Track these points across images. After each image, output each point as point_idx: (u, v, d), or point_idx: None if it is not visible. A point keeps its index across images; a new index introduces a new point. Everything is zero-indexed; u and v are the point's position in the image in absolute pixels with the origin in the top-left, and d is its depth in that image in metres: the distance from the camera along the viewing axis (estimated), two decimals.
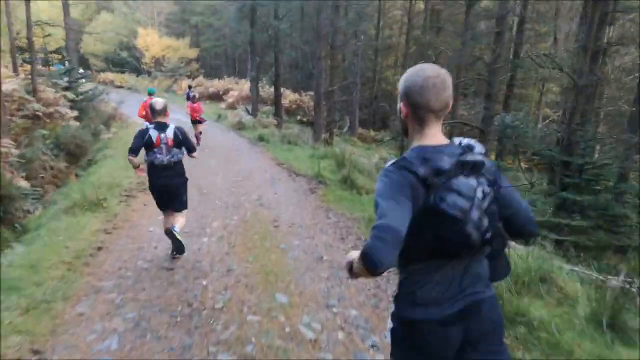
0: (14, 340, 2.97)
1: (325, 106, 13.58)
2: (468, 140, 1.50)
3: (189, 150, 4.49)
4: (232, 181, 8.26)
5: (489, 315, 1.49)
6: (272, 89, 23.05)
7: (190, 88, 16.94)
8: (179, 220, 4.55)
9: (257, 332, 3.18)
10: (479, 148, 1.47)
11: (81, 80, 16.15)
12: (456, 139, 1.51)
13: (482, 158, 1.43)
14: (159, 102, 4.35)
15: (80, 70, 37.54)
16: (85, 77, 32.71)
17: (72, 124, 11.44)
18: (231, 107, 23.87)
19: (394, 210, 1.28)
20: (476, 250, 1.44)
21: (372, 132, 23.37)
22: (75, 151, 10.18)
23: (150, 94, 10.34)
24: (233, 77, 32.00)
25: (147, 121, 6.27)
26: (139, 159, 4.26)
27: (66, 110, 11.50)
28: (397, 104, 1.55)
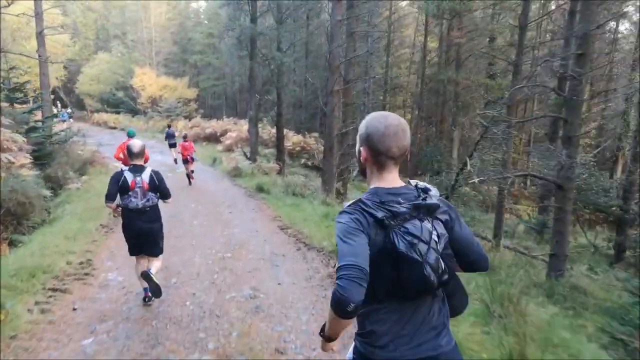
0: None
1: (338, 151, 11.32)
2: (424, 184, 1.56)
3: (163, 196, 4.32)
4: (217, 260, 5.82)
5: None
6: (274, 130, 21.09)
7: (169, 127, 16.35)
8: (155, 264, 4.35)
9: None
10: (434, 191, 1.52)
11: (54, 119, 14.14)
12: (412, 181, 1.56)
13: (436, 201, 1.47)
14: (137, 144, 4.20)
15: (56, 108, 36.15)
16: (69, 115, 31.24)
17: (24, 174, 9.17)
18: (229, 149, 21.72)
19: (355, 249, 1.36)
20: (433, 293, 1.48)
21: None
22: (17, 210, 7.81)
23: (129, 135, 9.07)
24: (232, 118, 30.17)
25: (124, 164, 5.78)
26: (114, 206, 4.19)
27: (16, 156, 9.22)
28: (357, 146, 1.59)
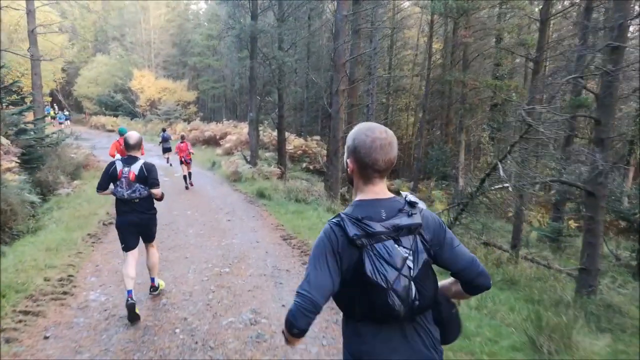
0: None
1: (342, 154, 10.71)
2: (414, 197, 1.49)
3: (150, 185, 4.10)
4: (213, 277, 5.20)
5: None
6: (274, 133, 20.51)
7: (164, 131, 16.40)
8: (154, 261, 4.46)
9: None
10: (421, 205, 1.47)
11: (50, 122, 13.56)
12: (403, 193, 1.51)
13: (419, 220, 1.42)
14: (134, 136, 4.15)
15: (53, 110, 35.56)
16: (66, 117, 30.65)
17: (9, 178, 8.57)
18: (228, 152, 21.14)
19: (315, 278, 1.38)
20: (407, 319, 1.42)
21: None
22: None
23: (121, 133, 9.13)
24: (232, 121, 29.60)
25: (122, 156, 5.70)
26: (109, 190, 4.15)
27: (1, 160, 8.63)
28: (344, 157, 1.56)
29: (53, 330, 3.85)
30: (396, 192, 1.54)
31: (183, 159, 11.77)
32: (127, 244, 4.19)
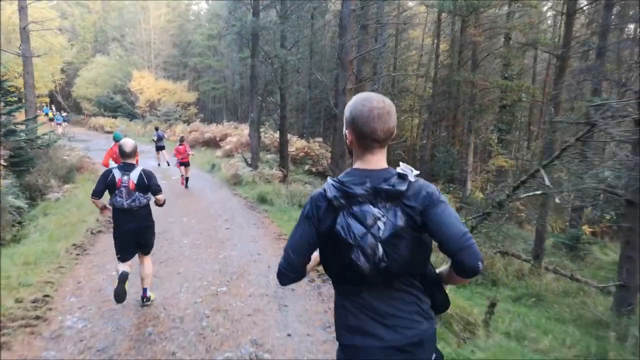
0: None
1: (350, 157, 10.11)
2: (404, 166, 1.45)
3: (152, 192, 4.08)
4: (208, 297, 4.57)
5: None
6: (276, 134, 19.90)
7: (157, 129, 16.25)
8: (148, 272, 4.32)
9: None
10: (411, 175, 1.42)
11: (39, 123, 12.98)
12: (402, 164, 1.46)
13: (402, 187, 1.38)
14: (129, 143, 4.05)
15: (51, 111, 34.96)
16: (64, 118, 30.04)
17: None
18: (228, 155, 20.53)
19: (297, 239, 1.47)
20: (378, 282, 1.42)
21: None
22: None
23: (116, 139, 8.80)
24: (232, 122, 29.00)
25: (116, 163, 5.58)
26: (103, 201, 4.07)
27: None
28: (343, 128, 1.55)
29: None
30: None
31: (181, 160, 11.67)
32: (123, 255, 4.20)
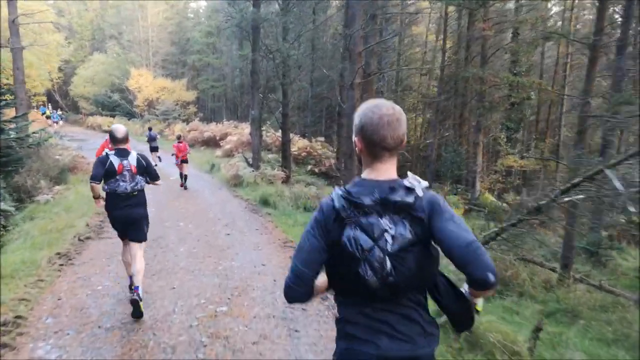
0: None
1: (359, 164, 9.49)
2: (413, 178, 1.43)
3: (152, 177, 4.15)
4: (206, 320, 3.94)
5: None
6: (278, 133, 19.30)
7: (150, 130, 16.13)
8: (139, 267, 4.06)
9: None
10: (419, 188, 1.39)
11: (28, 121, 12.35)
12: (410, 174, 1.45)
13: (410, 200, 1.36)
14: (120, 129, 4.01)
15: (48, 110, 34.31)
16: (60, 117, 29.41)
17: None
18: (228, 154, 19.92)
19: (305, 252, 1.40)
20: (385, 297, 1.38)
21: None
22: None
23: None
24: (232, 121, 28.38)
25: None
26: (99, 188, 3.95)
27: None
28: (352, 136, 1.53)
29: None
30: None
31: (181, 158, 11.65)
32: (123, 234, 4.19)
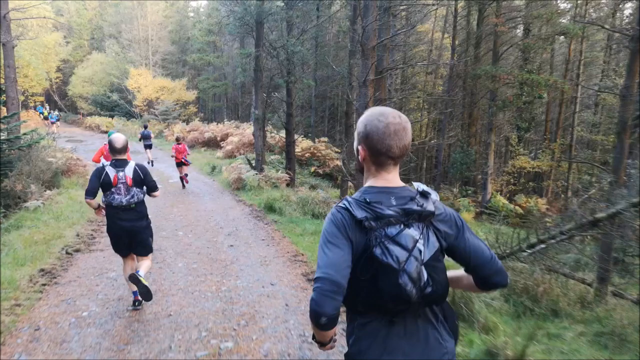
0: None
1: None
2: (425, 187, 1.42)
3: (149, 189, 4.00)
4: (209, 357, 3.32)
5: None
6: (280, 133, 18.69)
7: (145, 127, 16.19)
8: (144, 264, 4.04)
9: None
10: (434, 195, 1.40)
11: (21, 120, 11.73)
12: (415, 184, 1.44)
13: (431, 208, 1.35)
14: (119, 139, 3.85)
15: (45, 110, 33.63)
16: (57, 117, 28.76)
17: None
18: (229, 155, 19.31)
19: (332, 259, 1.27)
20: (417, 307, 1.34)
21: None
22: None
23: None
24: (234, 121, 27.76)
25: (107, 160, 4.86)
26: (97, 200, 3.91)
27: None
28: (354, 143, 1.49)
29: None
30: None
31: (184, 160, 11.54)
32: (121, 253, 4.05)
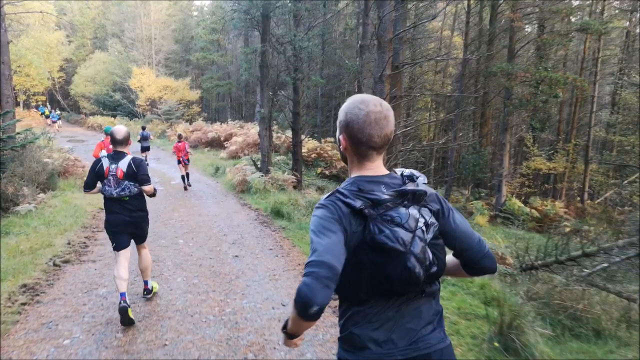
0: None
1: (388, 162, 8.18)
2: (410, 170, 1.40)
3: (140, 182, 3.85)
4: None
5: None
6: (286, 133, 18.11)
7: (143, 129, 15.75)
8: (147, 265, 4.21)
9: None
10: (422, 178, 1.37)
11: (15, 119, 11.17)
12: (398, 170, 1.42)
13: (424, 188, 1.34)
14: (121, 130, 3.87)
15: (47, 109, 33.16)
16: (58, 117, 28.34)
17: None
18: (233, 156, 18.74)
19: (328, 244, 1.21)
20: (422, 287, 1.33)
21: None
22: None
23: (107, 132, 8.72)
24: (238, 121, 27.19)
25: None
26: (97, 189, 3.91)
27: None
28: (337, 133, 1.45)
29: None
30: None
31: (181, 159, 11.37)
32: (118, 244, 3.93)
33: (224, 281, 4.85)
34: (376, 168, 1.39)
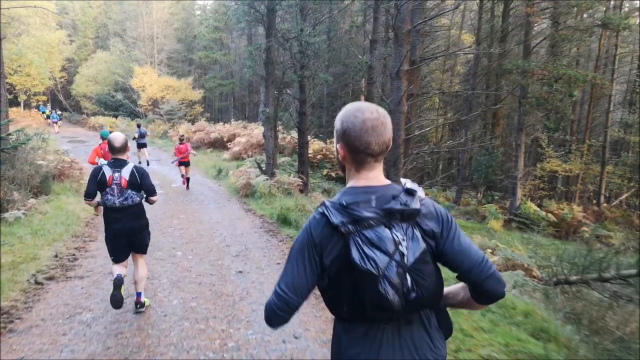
0: None
1: (404, 165, 7.55)
2: (412, 183, 1.31)
3: (147, 193, 3.87)
4: None
5: None
6: (292, 134, 17.52)
7: (139, 126, 15.75)
8: (142, 277, 3.96)
9: None
10: (420, 193, 1.29)
11: (8, 119, 10.63)
12: (403, 180, 1.34)
13: (416, 206, 1.25)
14: (119, 138, 3.75)
15: (47, 109, 32.51)
16: (59, 117, 27.84)
17: None
18: (237, 157, 18.14)
19: (293, 275, 1.26)
20: (403, 315, 1.25)
21: None
22: None
23: (103, 137, 8.57)
24: (241, 121, 26.61)
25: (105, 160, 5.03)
26: (95, 203, 3.84)
27: None
28: (334, 143, 1.39)
29: None
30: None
31: (181, 159, 11.12)
32: (117, 257, 3.84)
33: (226, 304, 4.25)
34: (373, 178, 1.34)
